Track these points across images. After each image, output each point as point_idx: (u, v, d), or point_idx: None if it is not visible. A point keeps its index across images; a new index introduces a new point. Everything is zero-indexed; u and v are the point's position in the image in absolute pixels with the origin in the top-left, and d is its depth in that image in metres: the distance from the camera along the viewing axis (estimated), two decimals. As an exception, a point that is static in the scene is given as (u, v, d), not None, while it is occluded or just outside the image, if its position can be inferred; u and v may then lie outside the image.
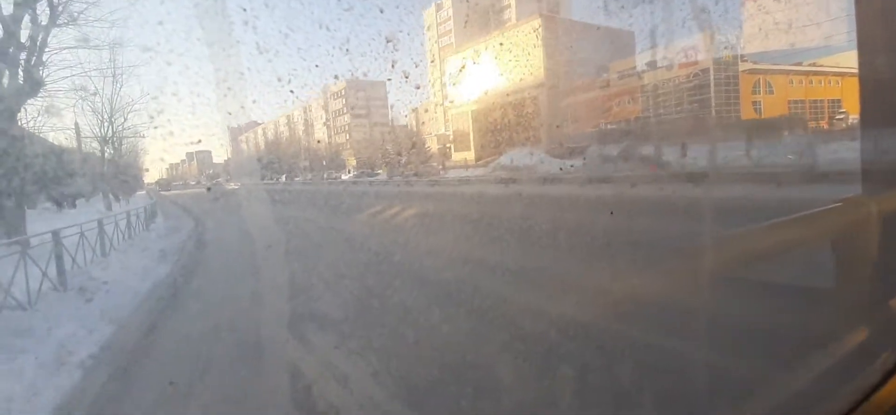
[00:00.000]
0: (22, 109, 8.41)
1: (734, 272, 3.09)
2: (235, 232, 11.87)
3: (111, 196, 17.56)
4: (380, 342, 3.04)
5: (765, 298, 2.84)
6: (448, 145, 41.68)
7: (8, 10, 6.80)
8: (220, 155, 73.44)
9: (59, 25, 7.93)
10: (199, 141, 69.70)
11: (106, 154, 17.25)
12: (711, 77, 28.53)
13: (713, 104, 28.65)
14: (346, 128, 64.61)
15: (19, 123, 8.03)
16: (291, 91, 15.51)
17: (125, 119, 16.68)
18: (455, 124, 40.09)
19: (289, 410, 2.34)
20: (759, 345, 2.44)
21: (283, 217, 7.73)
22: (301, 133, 72.19)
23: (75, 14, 8.09)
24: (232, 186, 24.03)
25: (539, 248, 5.29)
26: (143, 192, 27.17)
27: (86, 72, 14.05)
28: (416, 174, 27.37)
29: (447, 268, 5.03)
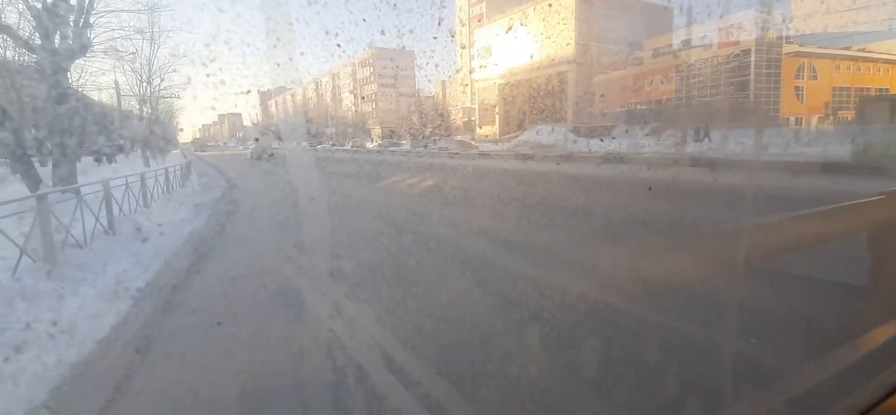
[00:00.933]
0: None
1: (764, 262, 3.33)
2: (262, 191, 12.69)
3: (148, 154, 18.58)
4: (385, 293, 3.48)
5: (797, 288, 3.06)
6: (472, 119, 41.54)
7: (61, -27, 7.36)
8: (249, 119, 74.48)
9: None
10: (249, 91, 71.14)
11: (144, 113, 18.20)
12: (752, 58, 26.94)
13: (752, 88, 27.16)
14: (373, 97, 64.77)
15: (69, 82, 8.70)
16: (338, 45, 15.81)
17: (162, 80, 17.48)
18: (481, 98, 39.83)
19: (302, 345, 2.79)
20: (786, 335, 2.53)
21: (307, 182, 8.27)
22: (329, 100, 72.72)
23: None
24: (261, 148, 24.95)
25: (527, 221, 5.64)
26: (177, 151, 28.51)
27: (127, 35, 14.78)
28: (438, 147, 27.67)
29: (443, 228, 5.49)
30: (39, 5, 7.12)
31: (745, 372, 2.16)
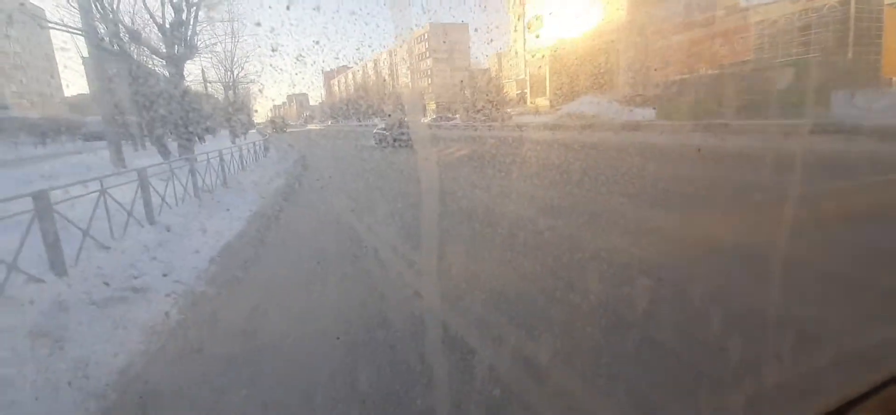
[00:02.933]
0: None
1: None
2: (327, 159, 15.43)
3: (233, 133, 22.21)
4: (401, 225, 5.62)
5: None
6: (524, 91, 42.40)
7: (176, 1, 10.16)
8: (315, 98, 79.77)
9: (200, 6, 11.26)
10: (337, 69, 76.71)
11: (229, 98, 21.76)
12: (852, 9, 24.11)
13: (851, 45, 24.13)
14: (429, 72, 66.75)
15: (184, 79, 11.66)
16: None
17: (241, 68, 20.81)
18: (532, 70, 40.54)
19: (346, 249, 4.92)
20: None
21: (362, 154, 10.72)
22: (386, 76, 75.84)
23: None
24: (327, 124, 28.29)
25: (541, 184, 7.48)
26: (254, 130, 32.75)
27: (217, 37, 18.05)
28: (487, 120, 29.42)
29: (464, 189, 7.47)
30: (167, 25, 9.94)
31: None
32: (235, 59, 19.56)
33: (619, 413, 1.86)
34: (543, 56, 37.16)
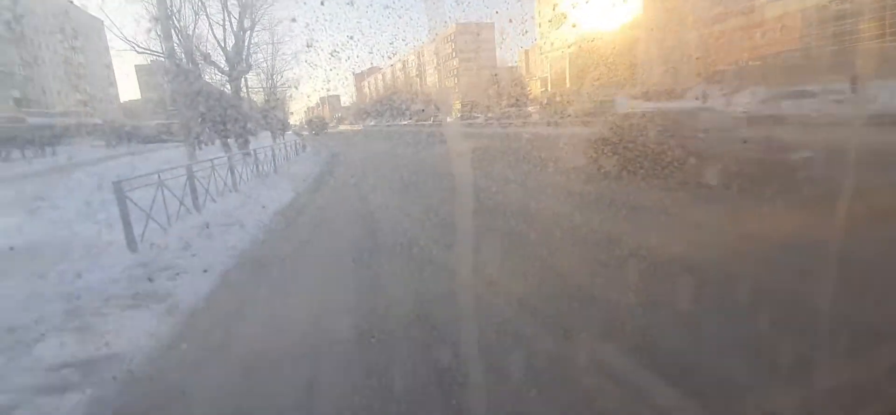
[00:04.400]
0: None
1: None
2: (355, 155, 18.32)
3: (272, 134, 25.59)
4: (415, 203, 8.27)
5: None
6: (545, 89, 44.30)
7: (236, 24, 13.24)
8: (347, 99, 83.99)
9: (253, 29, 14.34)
10: (367, 71, 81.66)
11: (269, 103, 25.15)
12: None
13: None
14: (455, 71, 69.28)
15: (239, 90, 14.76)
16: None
17: (281, 76, 24.08)
18: (553, 67, 42.43)
19: (360, 207, 7.59)
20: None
21: (384, 148, 13.51)
22: (414, 77, 78.90)
23: (257, 20, 14.50)
24: (358, 126, 31.55)
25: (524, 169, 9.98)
26: (290, 131, 36.47)
27: (259, 48, 21.31)
28: (507, 119, 31.89)
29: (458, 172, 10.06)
30: (229, 48, 13.03)
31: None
32: (275, 67, 22.82)
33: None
34: (560, 52, 38.97)
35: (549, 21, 42.01)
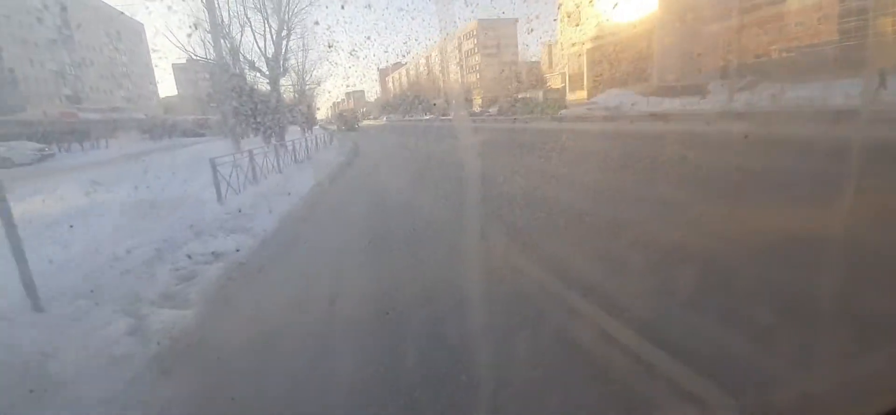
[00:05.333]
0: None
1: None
2: (376, 147, 20.76)
3: (302, 128, 28.34)
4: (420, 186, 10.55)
5: None
6: (564, 85, 45.80)
7: (275, 34, 15.77)
8: (371, 94, 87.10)
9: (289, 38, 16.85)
10: (391, 66, 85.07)
11: (300, 101, 27.87)
12: None
13: None
14: (477, 67, 71.21)
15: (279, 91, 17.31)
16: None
17: (310, 75, 26.76)
18: (571, 63, 43.92)
19: (378, 181, 9.88)
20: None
21: (402, 141, 15.86)
22: (438, 72, 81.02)
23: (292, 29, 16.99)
24: (381, 121, 34.21)
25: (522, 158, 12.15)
26: (317, 126, 39.47)
27: (297, 61, 24.08)
28: (523, 113, 33.83)
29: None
30: (269, 55, 15.57)
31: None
32: (305, 67, 25.50)
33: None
34: (576, 48, 40.45)
35: (568, 16, 43.58)
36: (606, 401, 2.05)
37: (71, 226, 5.37)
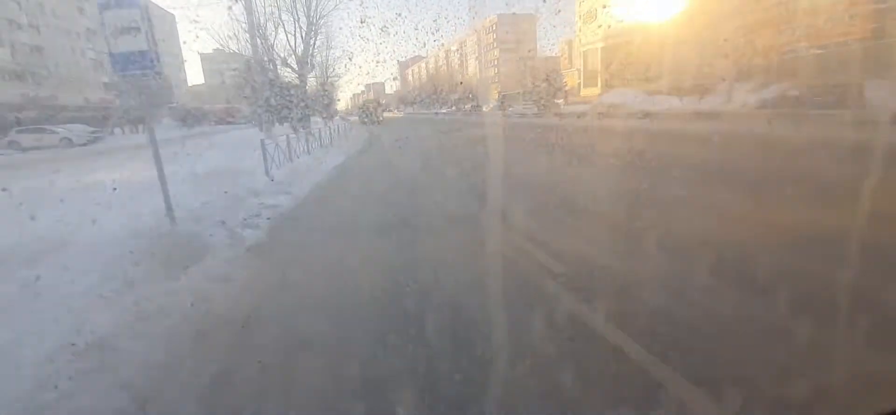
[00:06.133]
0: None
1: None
2: (390, 135, 23.12)
3: (325, 119, 30.83)
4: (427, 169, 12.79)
5: None
6: (578, 82, 47.35)
7: (304, 35, 18.21)
8: (390, 87, 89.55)
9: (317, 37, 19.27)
10: (411, 59, 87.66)
11: (322, 93, 30.39)
12: None
13: None
14: (495, 61, 72.93)
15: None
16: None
17: (333, 69, 29.22)
18: (586, 61, 45.44)
19: (391, 158, 12.16)
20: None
21: (417, 131, 18.18)
22: (456, 66, 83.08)
23: (319, 30, 19.39)
24: (400, 113, 36.56)
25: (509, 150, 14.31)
26: (338, 116, 42.14)
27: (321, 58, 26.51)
28: (536, 109, 35.83)
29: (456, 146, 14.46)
30: (299, 53, 18.01)
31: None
32: (328, 62, 27.97)
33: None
34: (591, 46, 42.00)
35: (586, 15, 45.08)
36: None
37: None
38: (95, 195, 6.43)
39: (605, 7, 41.70)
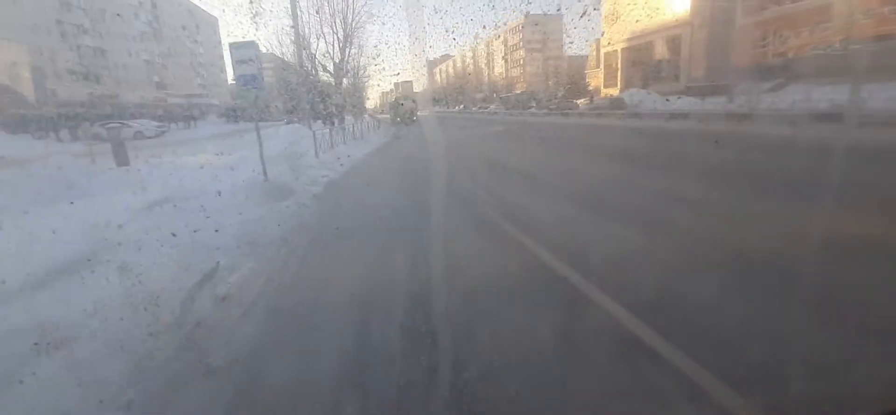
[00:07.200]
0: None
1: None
2: (417, 132, 26.60)
3: (355, 117, 34.60)
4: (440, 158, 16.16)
5: None
6: (598, 84, 49.70)
7: (341, 44, 21.96)
8: (419, 85, 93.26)
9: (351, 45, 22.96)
10: (440, 57, 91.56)
11: (353, 93, 34.14)
12: None
13: None
14: (521, 62, 75.47)
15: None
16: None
17: (364, 71, 32.97)
18: (607, 61, 47.81)
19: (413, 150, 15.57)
20: None
21: (441, 129, 21.65)
22: (483, 65, 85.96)
23: (353, 39, 23.06)
24: (427, 112, 40.27)
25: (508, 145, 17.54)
26: (367, 115, 46.13)
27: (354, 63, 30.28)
28: (555, 107, 38.76)
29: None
30: (336, 60, 21.74)
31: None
32: (360, 66, 31.70)
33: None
34: (613, 46, 44.44)
35: (608, 16, 47.46)
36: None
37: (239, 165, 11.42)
38: (204, 169, 10.11)
39: (629, 5, 44.00)
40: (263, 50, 23.04)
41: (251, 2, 34.51)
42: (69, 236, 5.04)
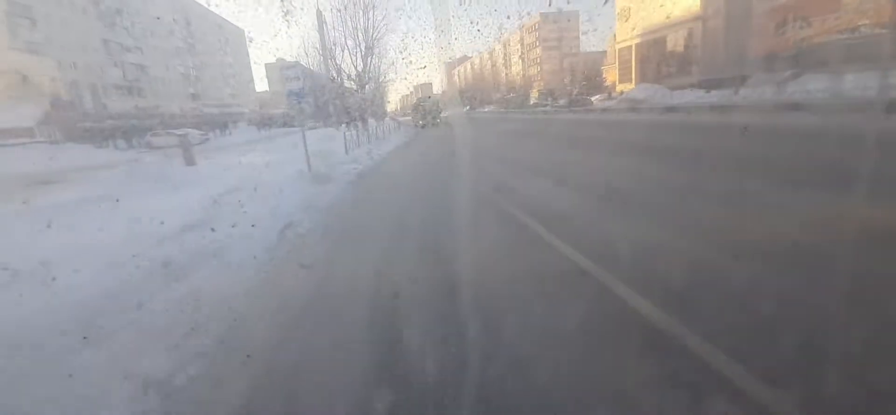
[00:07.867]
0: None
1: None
2: (432, 132, 28.88)
3: (376, 119, 37.06)
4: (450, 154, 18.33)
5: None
6: (614, 80, 50.96)
7: (364, 55, 24.40)
8: (438, 87, 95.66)
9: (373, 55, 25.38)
10: (458, 59, 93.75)
11: (375, 97, 36.61)
12: None
13: None
14: (538, 60, 76.94)
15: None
16: (508, 17, 30.92)
17: (384, 76, 35.41)
18: (621, 57, 49.06)
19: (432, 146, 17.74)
20: None
21: (457, 127, 23.85)
22: (500, 65, 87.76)
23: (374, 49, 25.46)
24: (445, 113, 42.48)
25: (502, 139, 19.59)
26: (387, 118, 48.68)
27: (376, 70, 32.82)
28: (570, 105, 40.38)
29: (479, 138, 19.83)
30: (359, 69, 24.17)
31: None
32: (380, 71, 34.13)
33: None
34: (626, 42, 45.72)
35: (623, 12, 48.81)
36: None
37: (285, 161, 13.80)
38: (256, 165, 12.51)
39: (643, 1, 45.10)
40: (288, 58, 25.62)
41: (285, 14, 37.38)
42: (186, 208, 7.35)
